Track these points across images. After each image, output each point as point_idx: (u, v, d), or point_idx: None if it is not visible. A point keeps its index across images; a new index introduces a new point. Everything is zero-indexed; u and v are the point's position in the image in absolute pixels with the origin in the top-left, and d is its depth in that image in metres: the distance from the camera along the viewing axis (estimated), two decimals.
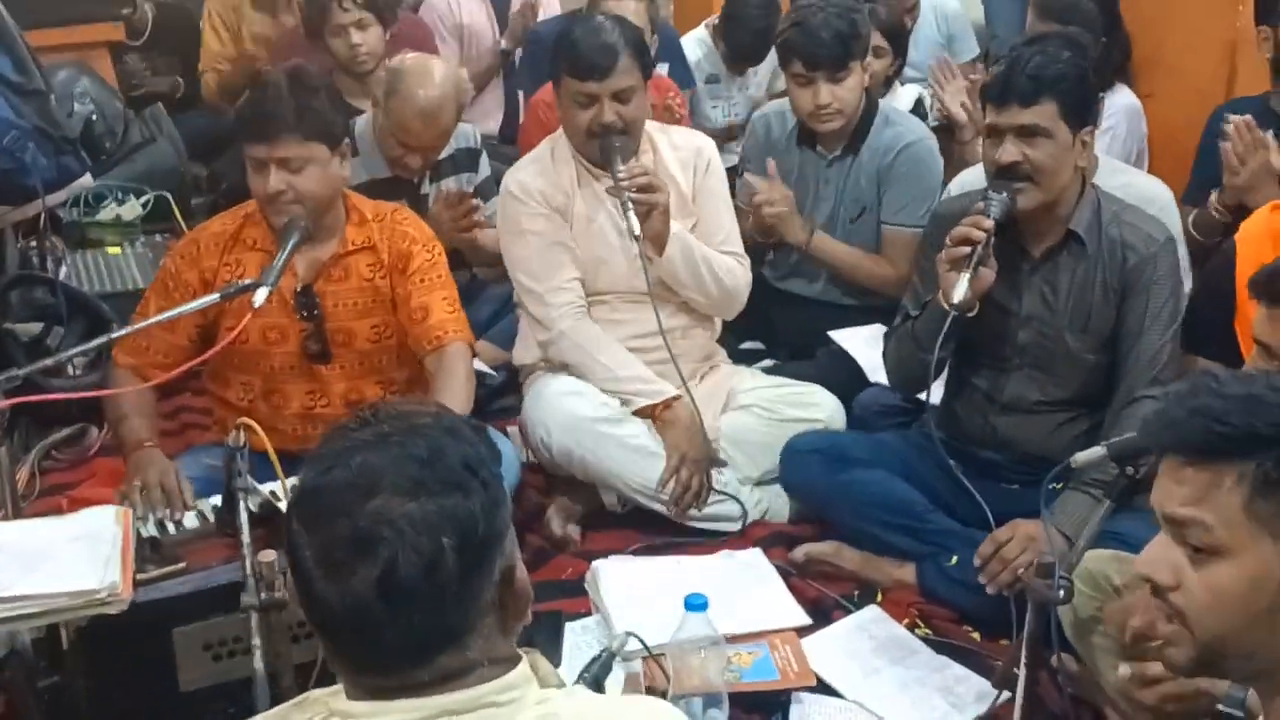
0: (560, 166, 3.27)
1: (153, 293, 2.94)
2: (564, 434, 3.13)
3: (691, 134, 3.50)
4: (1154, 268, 2.71)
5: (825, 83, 3.52)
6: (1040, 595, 2.10)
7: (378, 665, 1.27)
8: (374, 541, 1.23)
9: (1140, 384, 2.69)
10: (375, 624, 1.24)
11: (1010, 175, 2.67)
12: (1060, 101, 2.63)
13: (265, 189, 2.73)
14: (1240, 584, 1.35)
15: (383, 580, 1.22)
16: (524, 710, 1.28)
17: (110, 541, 2.22)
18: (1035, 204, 2.69)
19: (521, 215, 3.24)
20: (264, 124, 2.72)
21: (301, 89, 2.75)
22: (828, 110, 3.56)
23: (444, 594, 1.24)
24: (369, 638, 1.25)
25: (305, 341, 2.90)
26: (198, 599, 2.23)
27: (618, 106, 3.11)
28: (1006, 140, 2.66)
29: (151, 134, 4.85)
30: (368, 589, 1.22)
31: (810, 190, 3.73)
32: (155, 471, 2.65)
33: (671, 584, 2.78)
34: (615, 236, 3.25)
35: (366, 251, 2.92)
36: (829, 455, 3.04)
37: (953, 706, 2.51)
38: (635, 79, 3.13)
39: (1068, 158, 2.68)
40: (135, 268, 4.25)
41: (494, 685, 1.27)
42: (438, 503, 1.25)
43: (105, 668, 2.19)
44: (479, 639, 1.28)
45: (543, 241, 3.24)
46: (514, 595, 1.32)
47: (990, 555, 2.64)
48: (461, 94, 3.75)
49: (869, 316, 3.68)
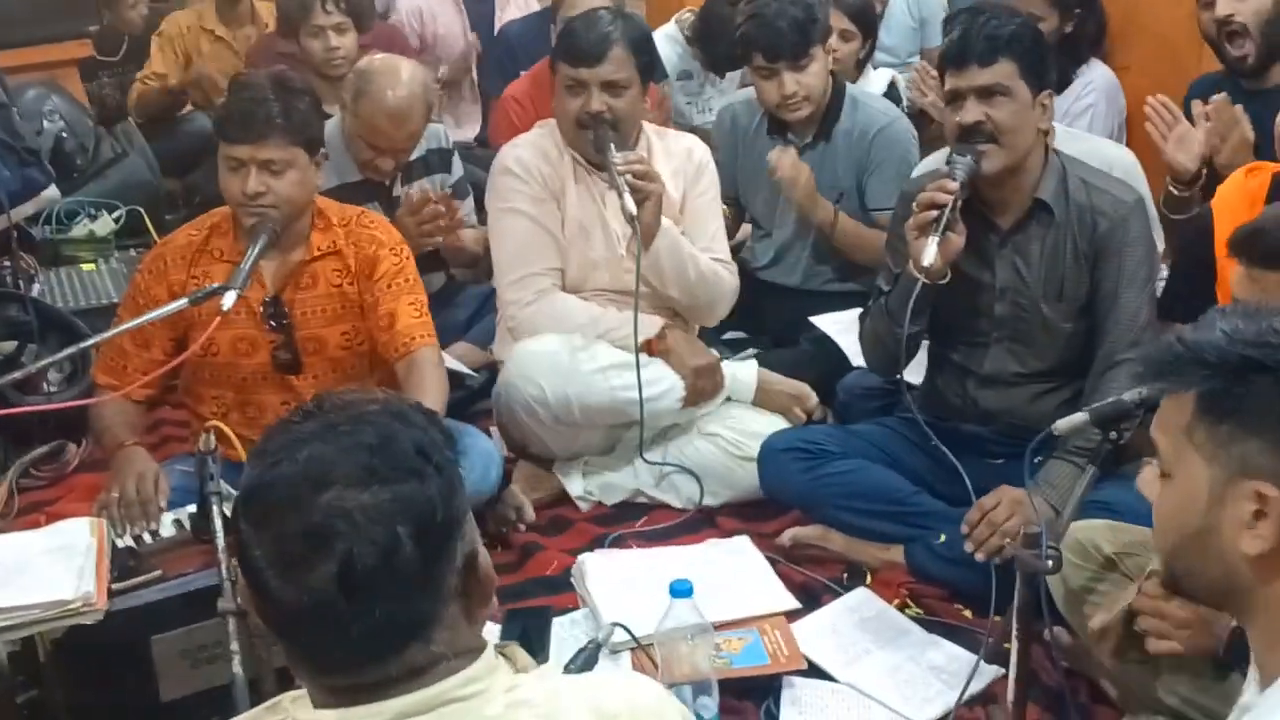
0: (552, 151, 3.27)
1: (123, 309, 2.93)
2: (559, 383, 3.10)
3: (685, 138, 3.48)
4: (1125, 230, 2.70)
5: (788, 72, 3.53)
6: (1028, 566, 2.08)
7: (341, 664, 1.23)
8: (329, 535, 1.18)
9: (1120, 346, 2.67)
10: (337, 621, 1.19)
11: (973, 137, 2.65)
12: (1018, 61, 2.63)
13: (244, 189, 2.71)
14: (1174, 504, 1.42)
15: (342, 575, 1.18)
16: (491, 702, 1.24)
17: (84, 552, 2.22)
18: (1000, 166, 2.67)
19: (516, 193, 3.23)
20: (249, 124, 2.69)
21: (287, 92, 2.74)
22: (794, 100, 3.56)
23: (406, 584, 1.21)
24: (331, 636, 1.20)
25: (275, 352, 2.87)
26: (175, 606, 2.22)
27: (607, 97, 3.11)
28: (968, 101, 2.65)
29: (123, 149, 4.83)
30: (327, 584, 1.18)
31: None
32: (134, 472, 2.62)
33: (658, 574, 2.74)
34: (602, 234, 3.23)
35: (333, 257, 2.89)
36: (806, 451, 3.00)
37: (946, 685, 2.48)
38: (628, 74, 3.13)
39: (1029, 117, 2.67)
40: (110, 283, 4.22)
41: (456, 680, 1.23)
42: (392, 490, 1.21)
43: (84, 680, 2.17)
44: (444, 630, 1.24)
45: (533, 225, 3.23)
46: (478, 581, 1.29)
47: (977, 521, 2.62)
48: (430, 94, 3.73)
49: (850, 302, 3.65)
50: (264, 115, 2.69)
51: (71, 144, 4.63)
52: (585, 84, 3.11)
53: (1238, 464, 1.34)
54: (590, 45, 3.11)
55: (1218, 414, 1.36)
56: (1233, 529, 1.35)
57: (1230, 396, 1.35)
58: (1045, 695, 2.41)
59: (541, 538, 3.13)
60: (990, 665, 2.46)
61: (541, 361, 3.11)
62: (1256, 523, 1.33)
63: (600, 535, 3.11)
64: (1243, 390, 1.34)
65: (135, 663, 2.19)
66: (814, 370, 3.45)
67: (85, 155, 4.70)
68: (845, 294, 3.69)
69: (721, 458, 3.22)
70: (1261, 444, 1.33)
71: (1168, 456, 1.42)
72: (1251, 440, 1.33)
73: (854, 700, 2.46)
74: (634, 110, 3.20)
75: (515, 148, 3.30)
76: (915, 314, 2.66)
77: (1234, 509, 1.34)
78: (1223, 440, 1.35)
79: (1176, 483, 1.41)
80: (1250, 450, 1.33)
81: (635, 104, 3.20)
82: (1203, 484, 1.37)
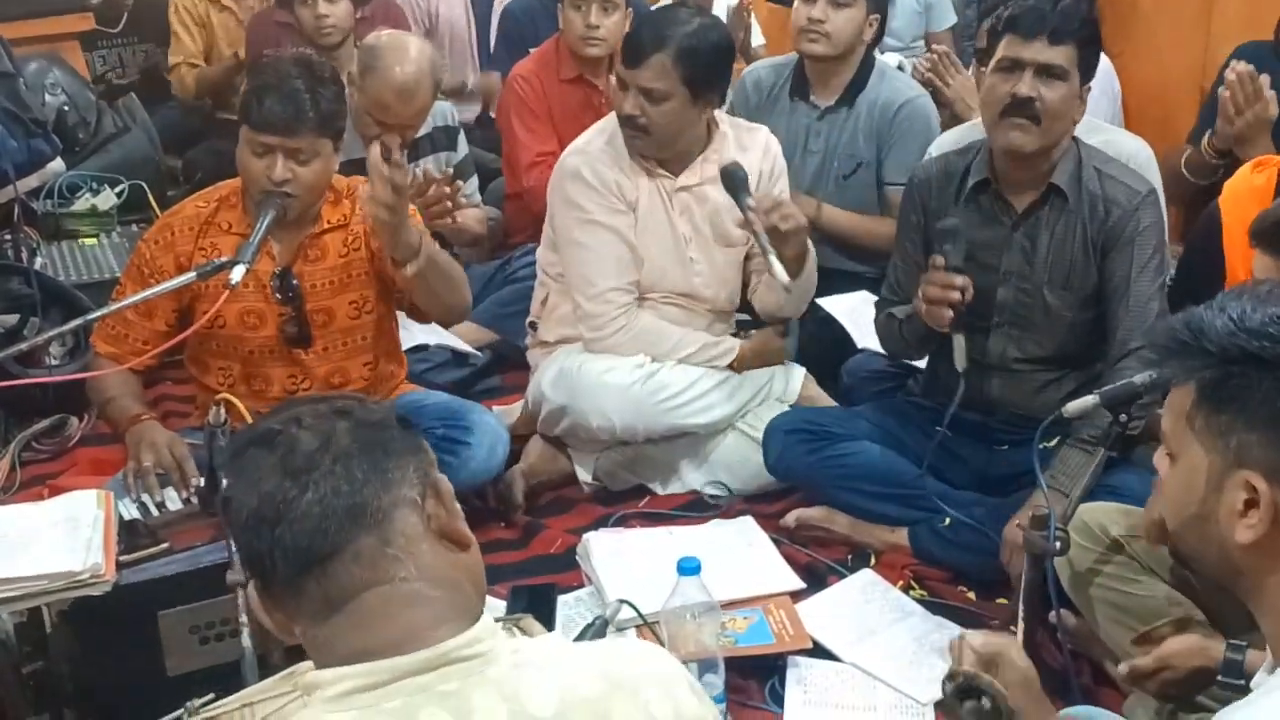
0: (621, 156, 3.14)
1: (128, 279, 2.90)
2: (630, 417, 3.08)
3: (758, 130, 3.29)
4: (1137, 221, 2.69)
5: (826, 1, 3.51)
6: (1036, 547, 2.09)
7: (303, 557, 1.25)
8: (274, 435, 1.30)
9: (1134, 335, 2.66)
10: (289, 503, 1.25)
11: (1019, 111, 2.62)
12: (1080, 49, 2.62)
13: (270, 175, 2.69)
14: (1176, 487, 1.43)
15: (284, 461, 1.27)
16: (494, 662, 1.24)
17: (91, 524, 2.21)
18: (1035, 147, 2.65)
19: (595, 205, 3.10)
20: (282, 114, 2.66)
21: (317, 82, 2.72)
22: (818, 30, 3.54)
23: (347, 466, 1.27)
24: (284, 525, 1.25)
25: (284, 325, 2.86)
26: (183, 581, 2.21)
27: (642, 102, 3.00)
28: (1026, 74, 2.62)
29: (125, 124, 4.80)
30: (274, 475, 1.27)
31: (799, 143, 3.70)
32: (162, 441, 2.68)
33: (664, 553, 2.74)
34: (671, 236, 3.16)
35: (341, 229, 2.88)
36: (811, 432, 3.00)
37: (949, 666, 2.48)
38: (668, 85, 2.98)
39: (1073, 108, 2.66)
40: (111, 257, 4.19)
41: (460, 640, 1.24)
42: (336, 408, 1.34)
43: (90, 652, 2.16)
44: (401, 537, 1.27)
45: (617, 239, 3.11)
46: (440, 502, 1.31)
47: None
48: (438, 71, 3.71)
49: (857, 284, 3.66)
50: (296, 108, 2.66)
51: (74, 118, 4.58)
52: (626, 85, 3.03)
53: (1234, 454, 1.35)
54: (636, 45, 3.01)
55: (1216, 402, 1.36)
56: (1228, 517, 1.36)
57: (1228, 387, 1.35)
58: (1049, 676, 2.39)
59: (545, 516, 3.13)
60: None
61: (614, 396, 3.07)
62: (1248, 512, 1.34)
63: (604, 515, 3.10)
64: (1240, 382, 1.35)
65: (142, 637, 2.19)
66: (818, 351, 3.44)
67: (87, 129, 4.66)
68: (853, 274, 3.68)
69: (743, 448, 3.18)
70: (1257, 436, 1.33)
71: (1171, 439, 1.43)
72: (1248, 432, 1.34)
73: (858, 680, 2.47)
74: (673, 123, 3.04)
75: (584, 155, 3.15)
76: None
77: (1229, 497, 1.35)
78: (1221, 429, 1.36)
79: (1179, 467, 1.42)
80: (1246, 441, 1.34)
81: (677, 117, 3.03)
82: (1201, 471, 1.38)
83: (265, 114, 2.67)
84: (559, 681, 1.23)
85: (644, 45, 2.98)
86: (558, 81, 4.10)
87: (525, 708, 1.21)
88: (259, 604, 1.31)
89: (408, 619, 1.25)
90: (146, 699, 1.99)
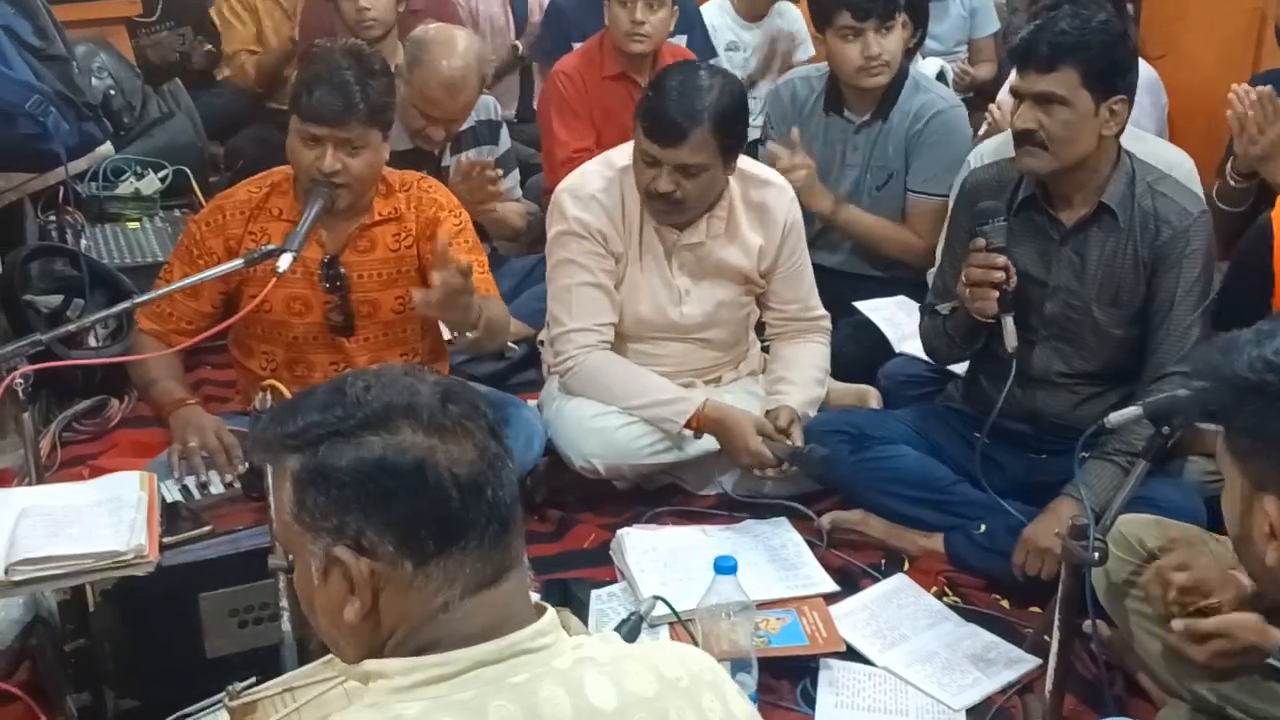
0: (628, 197, 3.05)
1: (176, 259, 2.92)
2: (612, 457, 3.07)
3: (770, 189, 3.15)
4: (1187, 242, 2.67)
5: (874, 34, 3.49)
6: (1075, 557, 2.08)
7: (506, 516, 1.25)
8: (416, 408, 1.25)
9: (1170, 360, 2.65)
10: (497, 467, 1.25)
11: (1024, 141, 2.64)
12: (1082, 69, 2.58)
13: (321, 166, 2.70)
14: (1225, 508, 1.49)
15: (483, 444, 1.26)
16: (559, 655, 1.25)
17: (135, 505, 2.23)
18: (1047, 169, 2.66)
19: (574, 246, 3.05)
20: (332, 105, 2.67)
21: (368, 74, 2.73)
22: (877, 63, 3.52)
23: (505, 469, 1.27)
24: (495, 487, 1.25)
25: (329, 313, 2.89)
26: (224, 565, 2.24)
27: (680, 177, 2.91)
28: (1024, 105, 2.63)
29: (170, 109, 4.83)
30: (462, 441, 1.25)
31: (836, 157, 3.70)
32: (209, 426, 2.70)
33: (697, 551, 2.77)
34: (665, 283, 3.11)
35: (393, 222, 2.90)
36: (849, 435, 3.00)
37: (983, 673, 2.49)
38: (707, 157, 2.89)
39: (1087, 126, 2.62)
40: (155, 242, 4.23)
41: (527, 632, 1.24)
42: None
43: (131, 632, 2.19)
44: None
45: (589, 279, 3.07)
46: None
47: None
48: (484, 65, 3.73)
49: (892, 288, 3.66)
50: (347, 100, 2.68)
51: (119, 102, 4.62)
52: (659, 162, 2.91)
53: (1256, 477, 1.38)
54: (671, 124, 2.85)
55: (1241, 429, 1.40)
56: (1260, 538, 1.39)
57: (1244, 414, 1.39)
58: (1082, 686, 2.42)
59: (578, 511, 3.13)
60: (1029, 656, 2.48)
61: (593, 438, 3.05)
62: (1276, 534, 1.37)
63: (637, 511, 3.10)
64: (1254, 409, 1.38)
65: (182, 619, 2.22)
66: (855, 354, 3.44)
67: (132, 114, 4.70)
68: (888, 279, 3.68)
69: None
70: (1272, 463, 1.37)
71: (1219, 462, 1.47)
72: (1266, 458, 1.37)
73: (891, 684, 2.47)
74: (707, 191, 2.98)
75: (576, 199, 3.05)
76: None
77: (1259, 519, 1.38)
78: (1246, 453, 1.39)
79: (1226, 489, 1.46)
80: (1266, 466, 1.37)
81: (711, 185, 2.97)
82: (1237, 491, 1.42)
83: (315, 105, 2.68)
84: (618, 678, 1.24)
85: (680, 122, 2.85)
86: (600, 78, 4.11)
87: (590, 701, 1.21)
88: (371, 581, 1.22)
89: (521, 603, 1.26)
90: (185, 679, 2.03)
